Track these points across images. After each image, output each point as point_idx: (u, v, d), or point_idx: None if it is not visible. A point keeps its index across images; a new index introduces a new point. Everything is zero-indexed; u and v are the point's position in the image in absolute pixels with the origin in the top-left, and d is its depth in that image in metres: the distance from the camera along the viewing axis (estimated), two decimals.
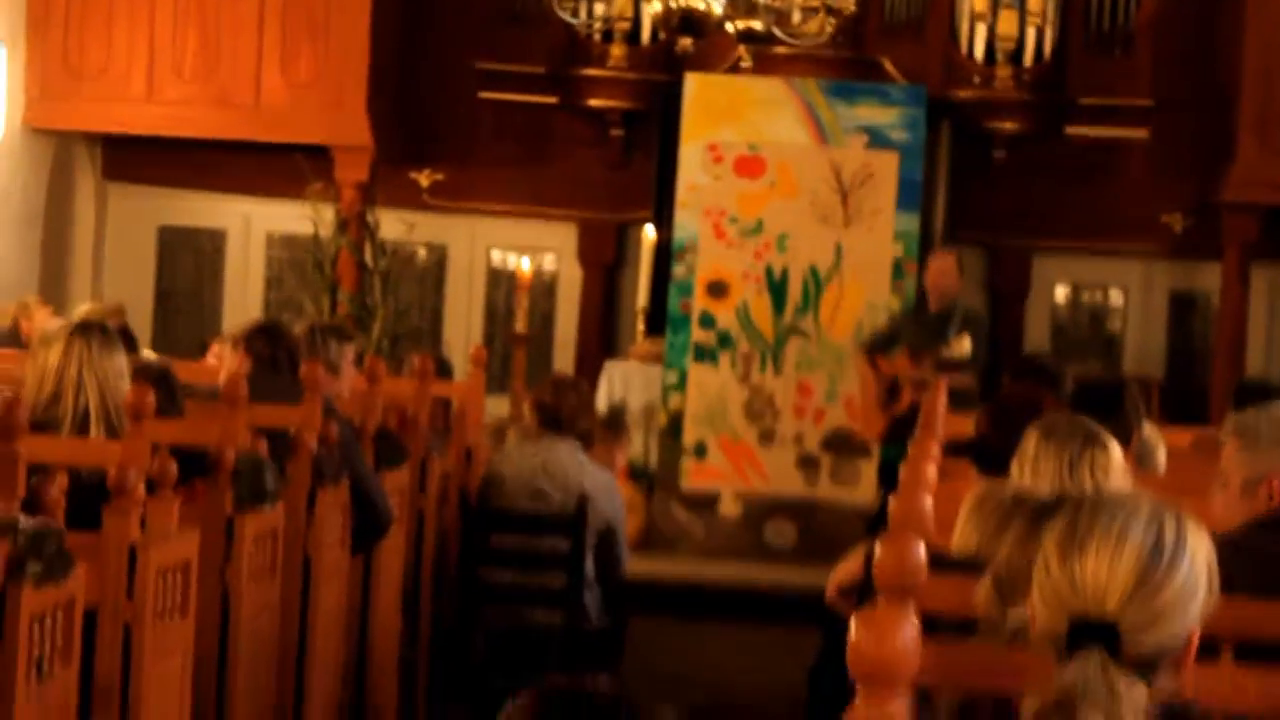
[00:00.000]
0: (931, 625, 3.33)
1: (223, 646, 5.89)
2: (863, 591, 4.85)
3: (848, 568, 6.14)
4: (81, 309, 10.05)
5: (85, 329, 6.21)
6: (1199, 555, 2.92)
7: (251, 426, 6.73)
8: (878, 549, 3.52)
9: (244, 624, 6.05)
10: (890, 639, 2.67)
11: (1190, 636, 2.90)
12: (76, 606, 4.65)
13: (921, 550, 3.42)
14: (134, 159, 13.91)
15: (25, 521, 4.44)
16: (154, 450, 5.43)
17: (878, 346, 11.98)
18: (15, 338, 10.68)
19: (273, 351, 8.21)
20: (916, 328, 11.82)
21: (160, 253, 14.25)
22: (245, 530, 5.91)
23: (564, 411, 9.26)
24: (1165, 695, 2.88)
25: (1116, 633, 2.77)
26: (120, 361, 5.83)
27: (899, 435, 9.85)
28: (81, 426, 5.70)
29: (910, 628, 2.55)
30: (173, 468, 5.17)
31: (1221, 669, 3.31)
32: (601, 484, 9.10)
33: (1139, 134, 14.53)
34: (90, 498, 5.03)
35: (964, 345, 11.46)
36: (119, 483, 4.85)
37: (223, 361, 8.61)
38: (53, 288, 13.20)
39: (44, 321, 9.78)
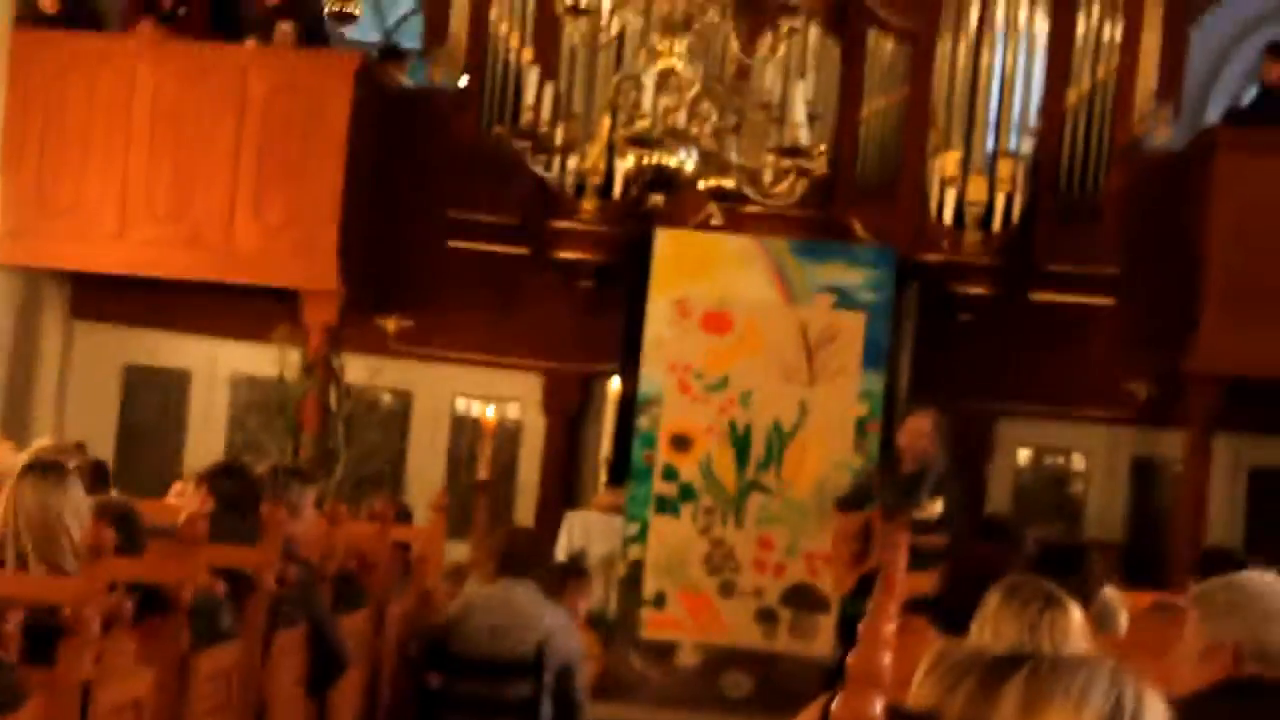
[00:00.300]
0: None
1: None
2: None
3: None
4: (35, 445, 9.92)
5: (33, 468, 6.11)
6: None
7: (210, 566, 6.73)
8: (836, 703, 3.63)
9: None
10: None
11: None
12: None
13: (879, 704, 3.42)
14: (102, 297, 13.89)
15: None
16: (111, 588, 5.36)
17: (851, 504, 11.87)
18: None
19: (235, 491, 8.18)
20: (890, 487, 11.73)
21: (125, 390, 14.27)
22: (200, 668, 5.80)
23: (520, 556, 9.25)
24: None
25: None
26: (73, 498, 5.71)
27: (866, 592, 9.43)
28: (21, 564, 5.58)
29: None
30: (129, 605, 5.20)
31: None
32: (560, 624, 9.09)
33: (1105, 301, 14.52)
34: (46, 634, 4.90)
35: (936, 507, 11.39)
36: (74, 619, 4.79)
37: (184, 500, 8.59)
38: (16, 423, 13.11)
39: (5, 457, 9.53)
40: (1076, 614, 5.28)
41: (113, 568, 5.65)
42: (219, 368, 14.19)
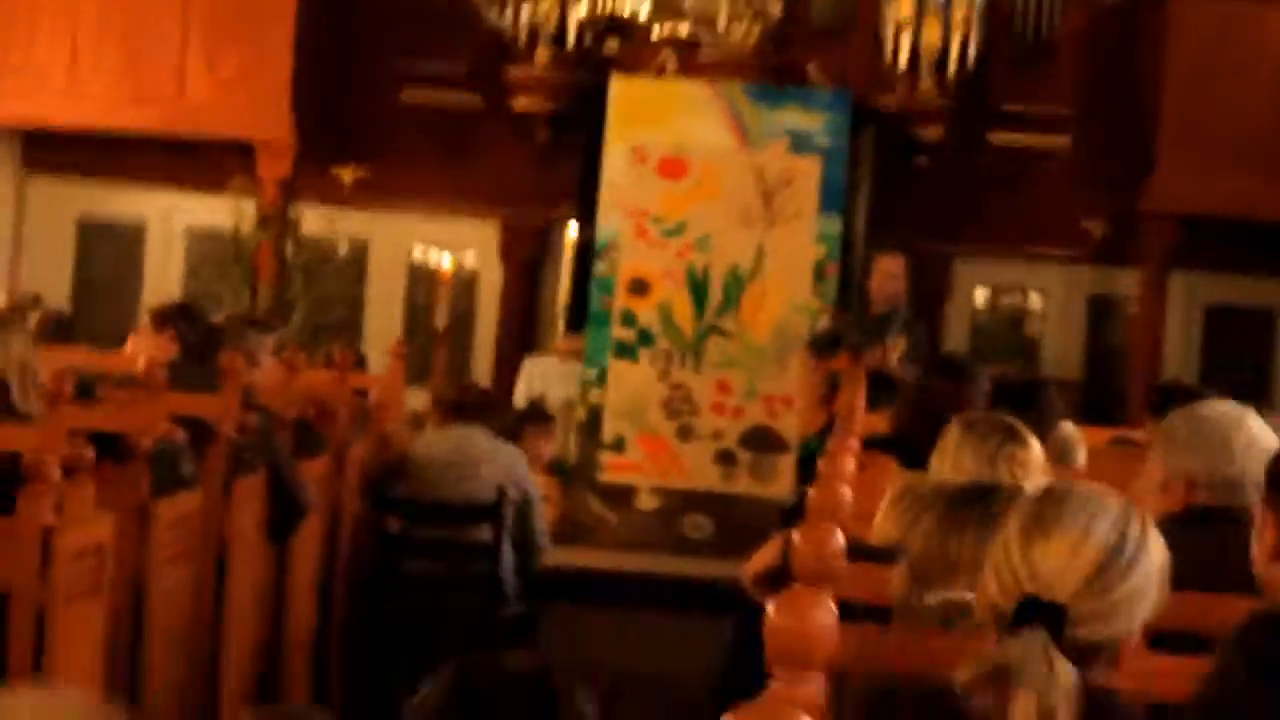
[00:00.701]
0: (849, 613, 3.33)
1: (137, 629, 5.89)
2: (779, 579, 4.65)
3: (764, 556, 6.14)
4: None
5: None
6: (1155, 560, 3.01)
7: (170, 414, 6.79)
8: (796, 536, 3.64)
9: (158, 607, 6.04)
10: (808, 621, 2.65)
11: (1132, 636, 2.99)
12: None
13: (840, 538, 3.49)
14: (55, 152, 13.90)
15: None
16: (71, 435, 5.37)
17: (823, 345, 11.86)
18: None
19: (194, 337, 8.25)
20: (859, 328, 11.96)
21: (79, 245, 14.33)
22: (161, 515, 5.90)
23: (471, 404, 9.66)
24: (1096, 687, 2.94)
25: (1064, 618, 2.83)
26: (22, 346, 5.78)
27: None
28: None
29: (827, 612, 2.55)
30: (89, 453, 5.18)
31: (1138, 657, 3.23)
32: (516, 465, 9.37)
33: (1060, 142, 14.59)
34: (5, 482, 4.95)
35: (900, 346, 11.66)
36: (34, 467, 4.84)
37: (142, 342, 8.50)
38: None
39: None
40: (1036, 447, 5.27)
41: (73, 415, 5.74)
42: (174, 220, 14.24)
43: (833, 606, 2.52)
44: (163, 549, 6.10)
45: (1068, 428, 7.08)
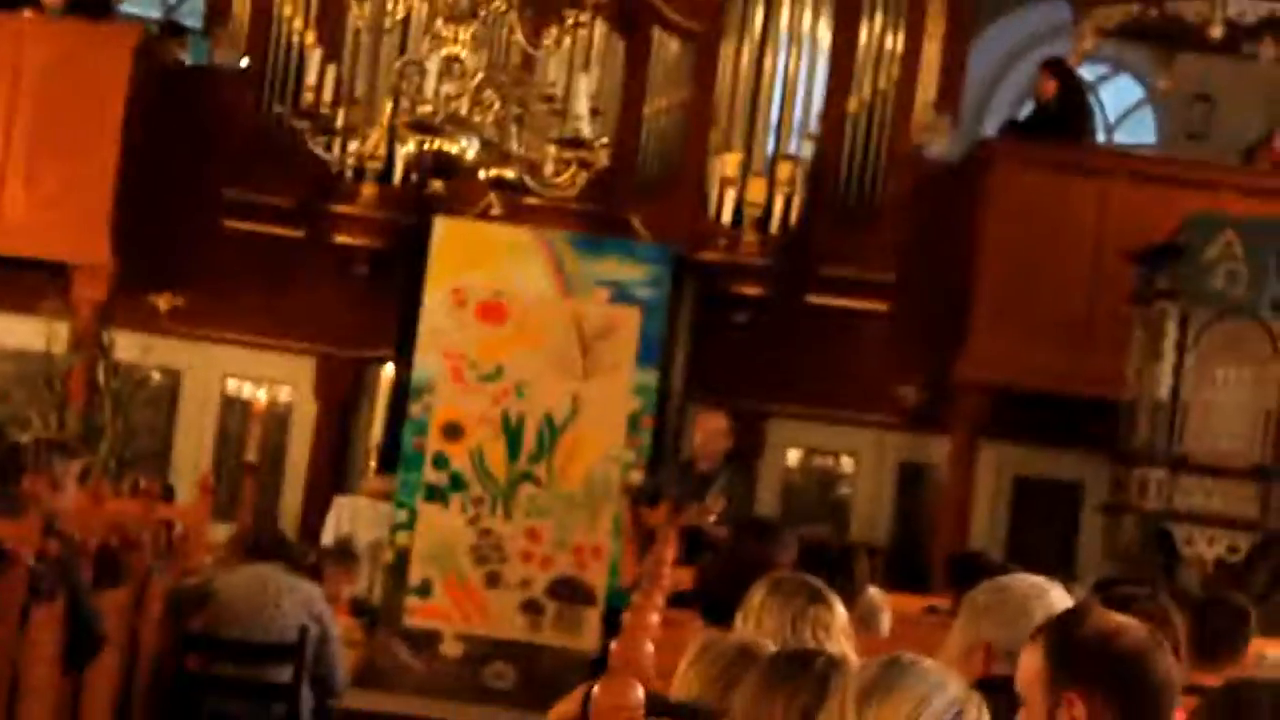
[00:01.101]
0: None
1: None
2: None
3: (565, 707, 5.44)
4: None
5: None
6: None
7: None
8: (596, 689, 3.60)
9: None
10: None
11: None
12: None
13: (640, 692, 3.43)
14: None
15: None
16: None
17: (644, 498, 12.06)
18: None
19: None
20: (682, 484, 11.92)
21: None
22: None
23: (264, 544, 9.49)
24: None
25: None
26: None
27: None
28: None
29: None
30: None
31: None
32: (316, 594, 9.22)
33: (879, 307, 14.62)
34: None
35: (719, 504, 11.47)
36: None
37: None
38: None
39: None
40: (840, 611, 5.35)
41: None
42: None
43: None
44: None
45: (874, 593, 7.27)
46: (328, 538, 12.65)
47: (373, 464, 14.17)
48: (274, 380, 15.01)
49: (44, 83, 13.81)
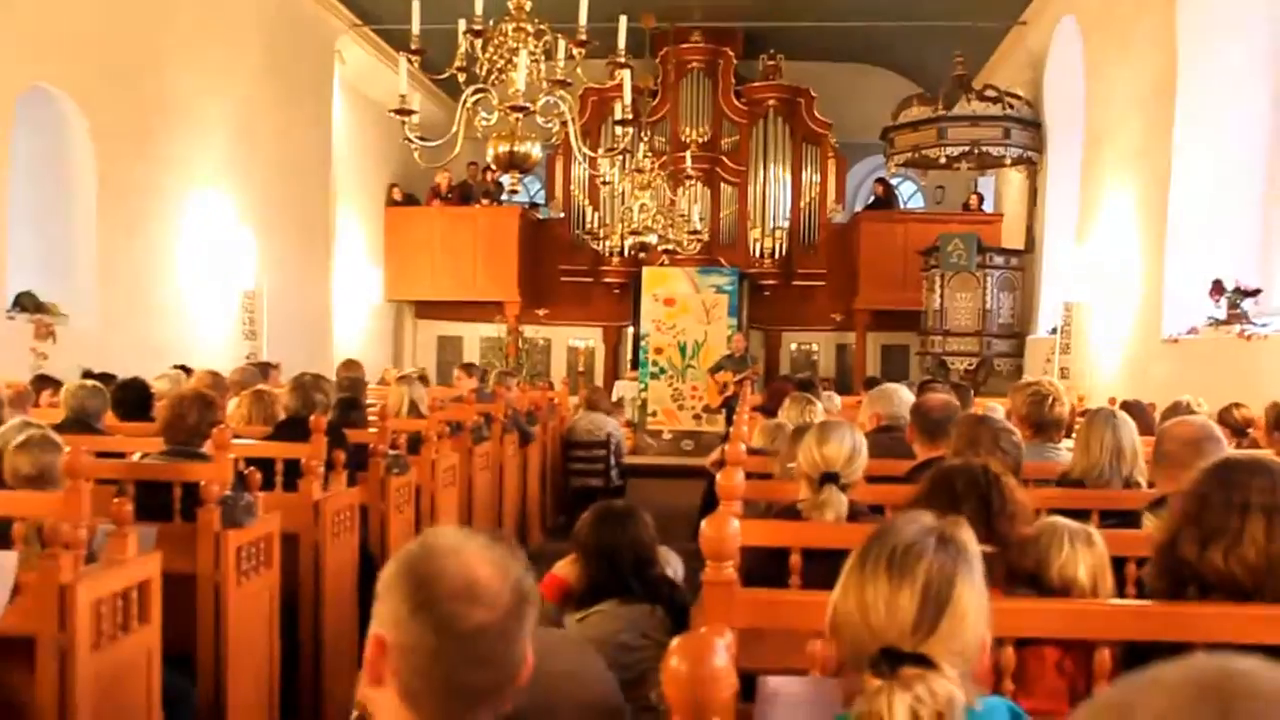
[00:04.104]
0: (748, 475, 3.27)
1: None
2: (721, 464, 4.63)
3: (714, 455, 6.43)
4: None
5: None
6: (864, 446, 3.36)
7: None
8: (725, 448, 3.96)
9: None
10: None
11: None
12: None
13: (742, 447, 3.69)
14: None
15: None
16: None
17: (715, 370, 13.38)
18: None
19: None
20: (730, 362, 13.22)
21: None
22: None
23: (596, 401, 10.69)
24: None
25: (838, 477, 3.23)
26: None
27: (728, 403, 12.38)
28: None
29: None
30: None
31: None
32: (613, 424, 10.35)
33: (821, 283, 16.12)
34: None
35: (747, 367, 12.91)
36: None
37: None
38: None
39: None
40: (819, 405, 5.75)
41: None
42: None
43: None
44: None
45: (833, 396, 7.48)
46: (614, 396, 13.46)
47: (628, 367, 16.12)
48: (585, 339, 17.05)
49: (490, 232, 15.72)
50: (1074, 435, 4.08)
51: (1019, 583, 2.34)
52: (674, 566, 3.67)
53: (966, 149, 13.74)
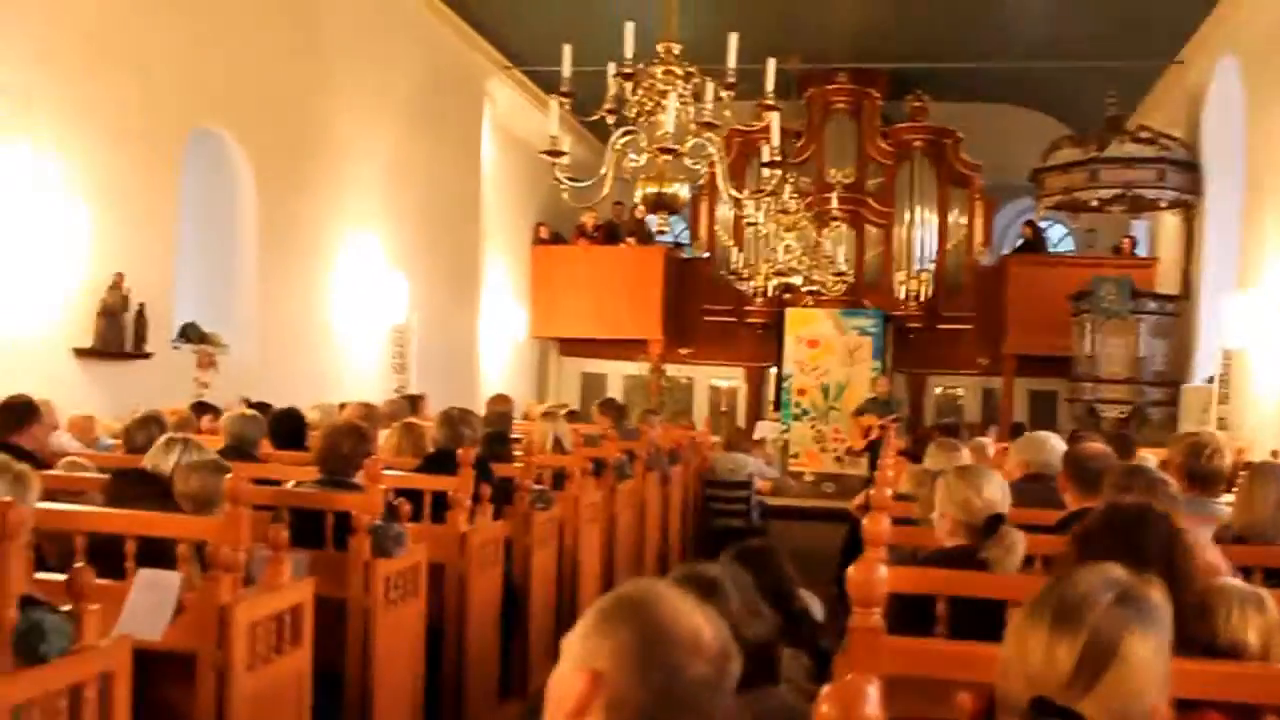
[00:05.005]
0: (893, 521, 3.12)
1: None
2: (865, 508, 4.55)
3: (859, 499, 6.75)
4: None
5: None
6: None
7: None
8: (871, 492, 3.96)
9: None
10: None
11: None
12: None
13: (889, 491, 3.71)
14: None
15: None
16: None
17: (859, 412, 13.53)
18: None
19: None
20: (875, 405, 13.31)
21: None
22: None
23: (735, 442, 10.90)
24: None
25: (1003, 519, 3.26)
26: None
27: (872, 446, 12.07)
28: None
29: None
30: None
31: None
32: (753, 463, 10.55)
33: (968, 326, 16.13)
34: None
35: (892, 411, 12.90)
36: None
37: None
38: None
39: None
40: (964, 449, 5.72)
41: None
42: None
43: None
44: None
45: (978, 439, 7.27)
46: (755, 436, 13.44)
47: (770, 407, 16.16)
48: (728, 378, 17.05)
49: (635, 272, 15.92)
50: (1235, 489, 3.96)
51: (1187, 645, 2.22)
52: (814, 609, 3.59)
53: (1120, 192, 13.54)
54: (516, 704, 5.47)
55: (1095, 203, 13.96)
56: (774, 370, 15.99)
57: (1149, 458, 5.19)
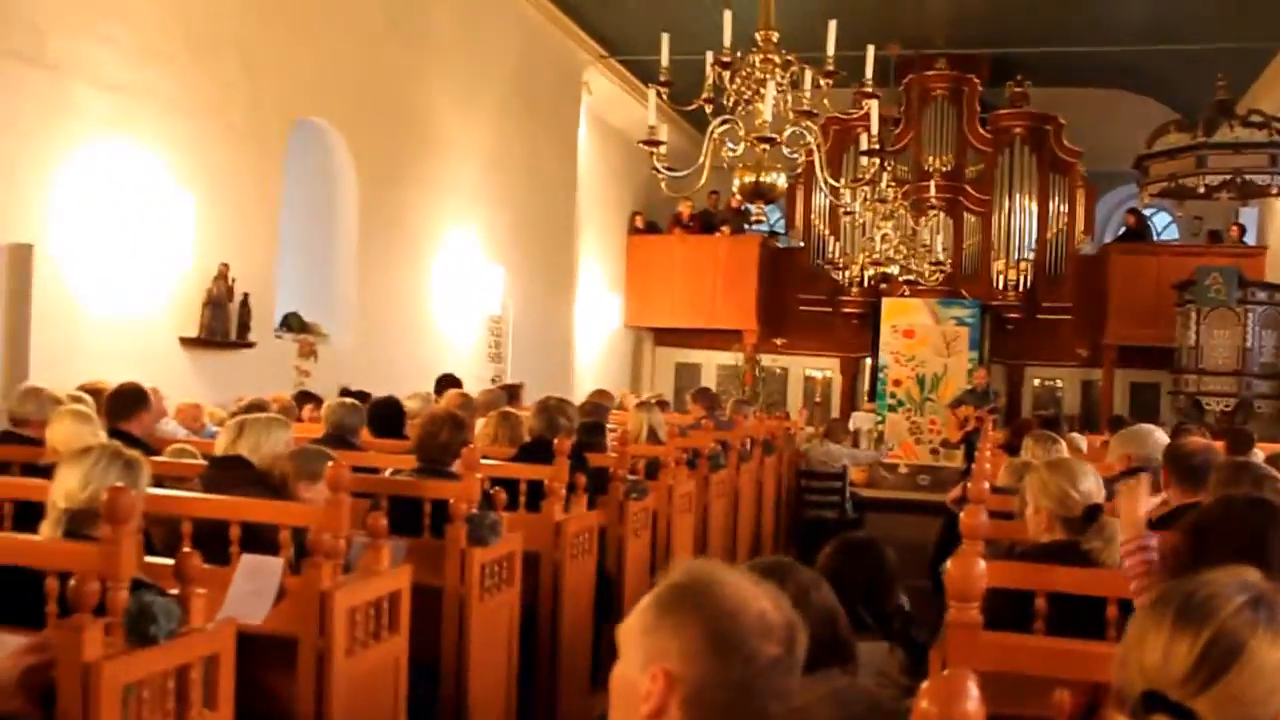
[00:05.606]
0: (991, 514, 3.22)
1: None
2: (961, 501, 4.64)
3: (954, 491, 6.53)
4: None
5: None
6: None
7: None
8: (967, 485, 3.82)
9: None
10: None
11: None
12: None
13: (986, 484, 3.53)
14: None
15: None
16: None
17: (956, 404, 13.31)
18: None
19: None
20: (971, 396, 13.17)
21: None
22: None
23: (830, 432, 10.79)
24: None
25: (1101, 510, 3.19)
26: None
27: (968, 438, 12.11)
28: None
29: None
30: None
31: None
32: (846, 453, 10.53)
33: (1067, 316, 15.90)
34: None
35: (989, 402, 12.73)
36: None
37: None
38: None
39: None
40: (1062, 443, 5.60)
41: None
42: None
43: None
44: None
45: (1075, 435, 7.23)
46: (850, 427, 13.21)
47: (865, 398, 16.20)
48: (823, 369, 16.98)
49: (730, 262, 15.96)
50: None
51: None
52: (903, 603, 3.55)
53: (1228, 178, 13.24)
54: (608, 695, 5.40)
55: (1202, 189, 13.58)
56: (869, 360, 15.89)
57: (1257, 453, 5.12)
